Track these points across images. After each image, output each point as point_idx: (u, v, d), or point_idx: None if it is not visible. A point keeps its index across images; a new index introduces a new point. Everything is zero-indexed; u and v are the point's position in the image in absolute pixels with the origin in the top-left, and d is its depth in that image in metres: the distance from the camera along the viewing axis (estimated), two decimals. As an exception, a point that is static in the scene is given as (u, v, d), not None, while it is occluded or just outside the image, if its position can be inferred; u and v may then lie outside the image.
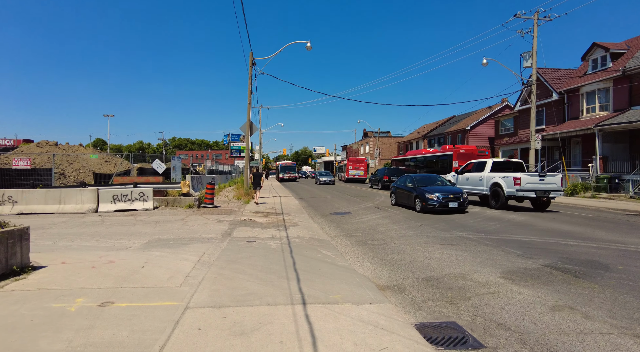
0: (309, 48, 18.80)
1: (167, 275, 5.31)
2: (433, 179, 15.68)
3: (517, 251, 7.39)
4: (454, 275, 5.87)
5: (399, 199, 15.92)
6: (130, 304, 4.16)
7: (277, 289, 4.77)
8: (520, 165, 16.23)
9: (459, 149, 24.25)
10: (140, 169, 21.83)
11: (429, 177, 16.06)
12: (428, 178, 15.76)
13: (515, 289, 5.11)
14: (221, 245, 7.48)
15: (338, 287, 4.96)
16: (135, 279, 5.04)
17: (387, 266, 6.48)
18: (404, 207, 15.37)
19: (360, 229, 10.41)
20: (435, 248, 7.74)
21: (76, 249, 7.14)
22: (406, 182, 15.70)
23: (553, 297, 4.73)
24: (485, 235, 9.16)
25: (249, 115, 19.06)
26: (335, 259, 6.79)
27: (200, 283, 4.95)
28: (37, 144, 25.34)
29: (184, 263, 5.96)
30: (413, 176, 15.98)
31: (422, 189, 14.04)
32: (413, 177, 15.83)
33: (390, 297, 4.94)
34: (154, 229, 9.66)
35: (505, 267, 6.24)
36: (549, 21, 20.06)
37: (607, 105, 22.67)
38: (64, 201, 12.84)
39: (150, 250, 7.04)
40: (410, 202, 14.70)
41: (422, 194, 13.65)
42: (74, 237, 8.59)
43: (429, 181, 15.26)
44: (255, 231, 9.38)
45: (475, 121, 39.98)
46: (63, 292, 4.44)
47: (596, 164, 20.63)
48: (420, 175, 16.55)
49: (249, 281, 5.08)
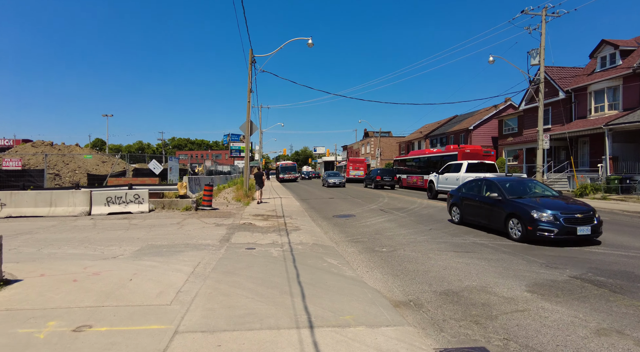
0: (311, 45, 18.25)
1: (157, 290, 4.75)
2: (528, 185, 9.91)
3: (539, 259, 6.82)
4: (474, 288, 5.32)
5: (470, 216, 10.48)
6: (110, 328, 3.60)
7: (280, 307, 4.21)
8: (492, 166, 18.14)
9: (464, 149, 23.67)
10: (136, 170, 21.27)
11: (521, 182, 10.17)
12: (520, 183, 9.97)
13: (547, 306, 4.55)
14: (218, 253, 6.93)
15: (348, 305, 4.40)
16: (120, 296, 4.48)
17: (399, 277, 5.92)
18: (479, 229, 10.05)
19: (366, 233, 9.86)
20: (450, 256, 7.18)
21: (60, 257, 6.58)
22: (483, 189, 10.10)
23: (594, 318, 4.17)
24: (499, 240, 8.60)
25: (248, 114, 18.50)
26: (342, 269, 6.24)
27: (193, 300, 4.39)
28: (32, 144, 24.78)
29: (177, 275, 5.40)
30: (495, 180, 10.06)
31: (519, 202, 8.64)
32: (496, 181, 9.93)
33: (407, 316, 4.38)
34: (148, 233, 9.11)
35: (530, 279, 5.68)
36: (557, 17, 19.50)
37: (617, 104, 22.09)
38: (55, 204, 12.28)
39: (141, 259, 6.48)
40: (494, 223, 9.34)
41: (523, 210, 8.33)
42: (61, 243, 8.04)
43: (523, 189, 9.62)
44: (255, 236, 8.83)
45: (479, 121, 39.41)
46: (35, 313, 3.88)
47: (606, 164, 20.06)
48: (506, 178, 10.56)
49: (248, 297, 4.52)
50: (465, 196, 10.81)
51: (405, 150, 56.83)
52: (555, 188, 23.14)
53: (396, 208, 15.63)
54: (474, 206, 10.34)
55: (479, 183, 10.54)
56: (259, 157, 47.53)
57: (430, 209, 15.07)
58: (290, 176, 49.00)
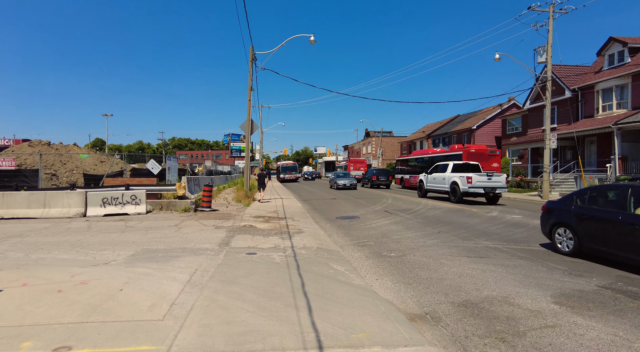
0: (313, 41, 17.81)
1: (149, 302, 4.32)
2: None
3: (560, 266, 6.39)
4: (495, 299, 4.88)
5: (599, 244, 6.55)
6: (92, 350, 3.18)
7: (284, 323, 3.78)
8: (477, 167, 19.03)
9: (469, 149, 23.22)
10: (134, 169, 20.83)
11: None
12: None
13: (579, 321, 4.12)
14: (217, 258, 6.50)
15: (360, 320, 3.97)
16: (107, 309, 4.06)
17: (411, 286, 5.49)
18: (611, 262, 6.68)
19: (372, 236, 9.43)
20: (464, 262, 6.75)
21: (48, 264, 6.15)
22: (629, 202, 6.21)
23: (637, 337, 3.73)
24: (514, 244, 8.16)
25: (249, 113, 18.07)
26: (349, 276, 5.80)
27: (188, 314, 3.96)
28: (29, 144, 24.36)
29: (171, 284, 4.97)
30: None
31: None
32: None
33: (425, 332, 3.95)
34: (144, 237, 8.68)
35: (555, 288, 5.24)
36: (565, 14, 19.05)
37: (625, 103, 21.63)
38: (49, 205, 11.85)
39: (135, 265, 6.05)
40: None
41: None
42: (52, 247, 7.61)
43: None
44: (256, 239, 8.40)
45: (482, 120, 38.94)
46: (9, 332, 3.45)
47: (615, 164, 19.60)
48: None
49: (249, 311, 4.09)
50: (589, 213, 6.85)
51: (407, 150, 56.36)
52: (562, 189, 22.69)
53: (401, 209, 15.19)
54: (610, 229, 6.32)
55: (618, 191, 6.59)
56: (260, 157, 47.07)
57: (435, 211, 14.64)
58: (291, 176, 48.63)
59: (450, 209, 15.28)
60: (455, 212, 14.02)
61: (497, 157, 23.52)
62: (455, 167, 18.80)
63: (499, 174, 17.33)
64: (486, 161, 23.02)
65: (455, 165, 18.90)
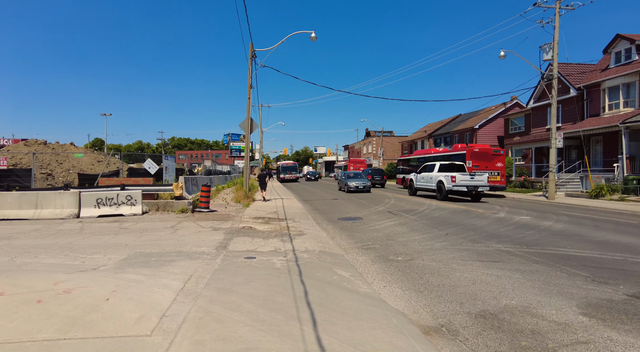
0: (314, 38, 17.41)
1: (137, 313, 3.92)
2: None
3: (581, 271, 5.98)
4: (515, 309, 4.48)
5: None
6: (66, 374, 2.77)
7: (287, 340, 3.37)
8: (462, 167, 20.04)
9: (473, 148, 22.81)
10: (131, 169, 20.41)
11: None
12: None
13: (615, 337, 3.71)
14: (213, 263, 6.09)
15: (370, 335, 3.56)
16: (89, 322, 3.65)
17: (423, 294, 5.08)
18: None
19: (377, 238, 9.02)
20: (476, 267, 6.34)
21: (32, 270, 5.74)
22: None
23: (684, 356, 3.33)
24: (527, 248, 7.75)
25: (248, 111, 17.67)
26: (355, 283, 5.40)
27: (179, 328, 3.55)
28: (25, 143, 23.94)
29: (163, 293, 4.57)
30: None
31: None
32: None
33: (442, 348, 3.55)
34: (138, 239, 8.27)
35: (579, 296, 4.83)
36: (571, 10, 18.62)
37: (633, 101, 21.21)
38: (41, 206, 11.45)
39: (125, 271, 5.64)
40: None
41: None
42: (40, 251, 7.20)
43: None
44: (255, 242, 7.99)
45: (484, 120, 38.54)
46: (-27, 352, 3.05)
47: (622, 164, 19.19)
48: None
49: (247, 324, 3.68)
50: None
51: (408, 150, 55.96)
52: (568, 189, 22.27)
53: (405, 210, 14.79)
54: None
55: None
56: (260, 156, 46.66)
57: (441, 212, 14.23)
58: (292, 175, 48.30)
59: (456, 210, 14.87)
60: (461, 213, 13.61)
61: (501, 156, 23.11)
62: (442, 167, 19.92)
63: (481, 173, 18.77)
64: (490, 161, 22.62)
65: (442, 166, 19.96)
